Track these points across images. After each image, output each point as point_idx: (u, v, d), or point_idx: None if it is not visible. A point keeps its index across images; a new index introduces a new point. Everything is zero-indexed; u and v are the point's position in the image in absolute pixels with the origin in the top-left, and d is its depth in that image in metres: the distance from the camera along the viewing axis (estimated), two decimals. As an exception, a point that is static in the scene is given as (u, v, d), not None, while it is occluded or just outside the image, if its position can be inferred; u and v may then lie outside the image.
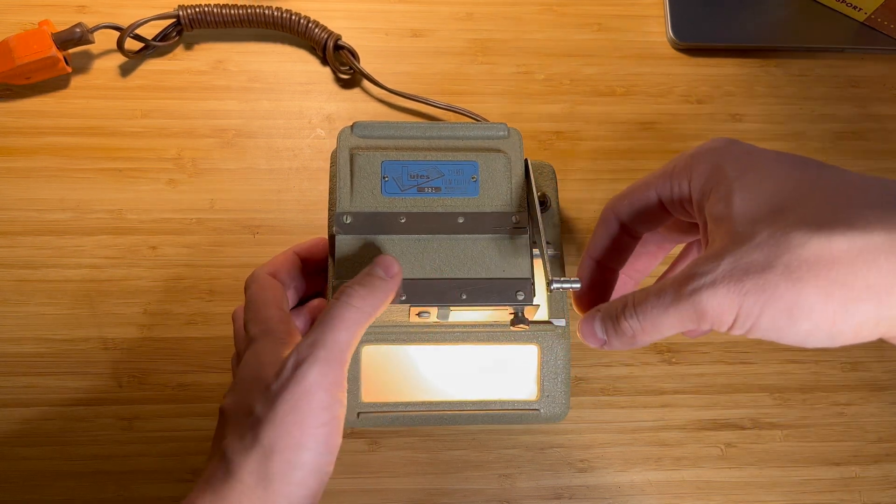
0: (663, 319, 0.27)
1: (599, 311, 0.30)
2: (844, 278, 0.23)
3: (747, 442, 0.46)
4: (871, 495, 0.45)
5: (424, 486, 0.44)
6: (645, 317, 0.27)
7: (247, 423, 0.30)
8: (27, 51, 0.48)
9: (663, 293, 0.26)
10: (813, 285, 0.23)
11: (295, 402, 0.29)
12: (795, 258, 0.23)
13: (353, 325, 0.31)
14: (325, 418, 0.30)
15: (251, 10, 0.51)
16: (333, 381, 0.30)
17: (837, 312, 0.23)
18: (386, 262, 0.33)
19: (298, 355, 0.30)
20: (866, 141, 0.53)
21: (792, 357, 0.48)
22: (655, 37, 0.55)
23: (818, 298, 0.23)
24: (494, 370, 0.39)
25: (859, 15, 0.55)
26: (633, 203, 0.32)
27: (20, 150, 0.50)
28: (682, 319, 0.26)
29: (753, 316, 0.24)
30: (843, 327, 0.24)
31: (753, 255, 0.24)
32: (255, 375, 0.31)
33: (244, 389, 0.32)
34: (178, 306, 0.47)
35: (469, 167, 0.37)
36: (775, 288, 0.24)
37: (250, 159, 0.50)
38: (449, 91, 0.53)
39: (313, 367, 0.30)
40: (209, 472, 0.30)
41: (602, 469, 0.45)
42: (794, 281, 0.23)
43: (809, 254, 0.23)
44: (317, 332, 0.31)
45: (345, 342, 0.31)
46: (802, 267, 0.23)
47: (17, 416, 0.44)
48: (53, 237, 0.48)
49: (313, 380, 0.29)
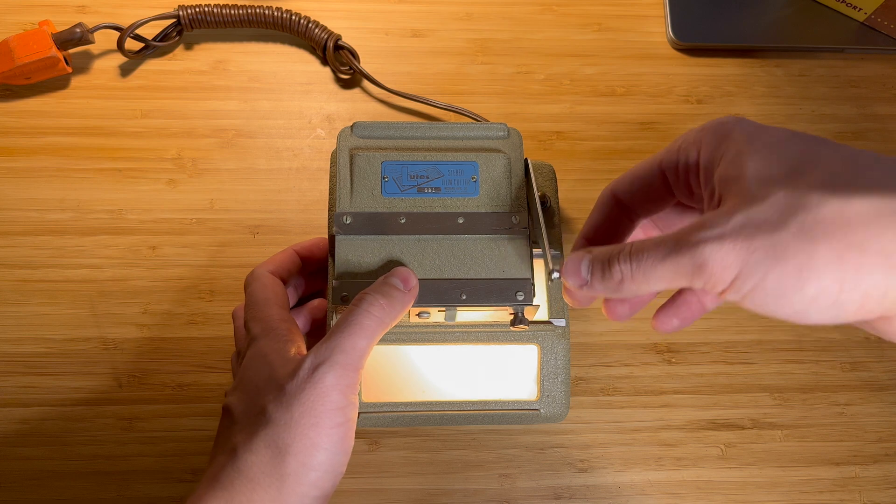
0: (657, 269, 0.25)
1: (591, 252, 0.28)
2: (860, 241, 0.22)
3: (747, 442, 0.46)
4: (871, 495, 0.45)
5: (424, 486, 0.44)
6: (639, 263, 0.26)
7: (259, 422, 0.30)
8: (27, 51, 0.48)
9: (663, 243, 0.25)
10: (827, 246, 0.22)
11: (311, 403, 0.29)
12: (811, 218, 0.23)
13: (372, 334, 0.31)
14: (339, 419, 0.30)
15: (251, 10, 0.51)
16: (349, 385, 0.30)
17: (847, 277, 0.22)
18: (404, 274, 0.33)
19: (316, 358, 0.30)
20: (866, 141, 0.53)
21: (792, 357, 0.48)
22: (655, 37, 0.55)
23: (830, 259, 0.22)
24: (494, 370, 0.39)
25: (859, 15, 0.55)
26: (635, 181, 0.31)
27: (20, 150, 0.50)
28: (677, 271, 0.25)
29: (757, 276, 0.23)
30: (851, 295, 0.23)
31: (767, 214, 0.23)
32: (266, 375, 0.31)
33: (252, 388, 0.32)
34: (178, 306, 0.47)
35: (469, 167, 0.37)
36: (787, 247, 0.23)
37: (250, 159, 0.50)
38: (449, 91, 0.53)
39: (331, 371, 0.30)
40: (215, 469, 0.30)
41: (602, 469, 0.45)
42: (808, 241, 0.22)
43: (825, 215, 0.22)
44: (337, 337, 0.31)
45: (363, 349, 0.31)
46: (818, 227, 0.22)
47: (17, 416, 0.44)
48: (53, 237, 0.48)
49: (330, 382, 0.30)
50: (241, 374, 0.33)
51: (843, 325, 0.48)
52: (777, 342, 0.48)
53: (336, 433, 0.30)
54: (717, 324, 0.48)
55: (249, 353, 0.33)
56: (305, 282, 0.40)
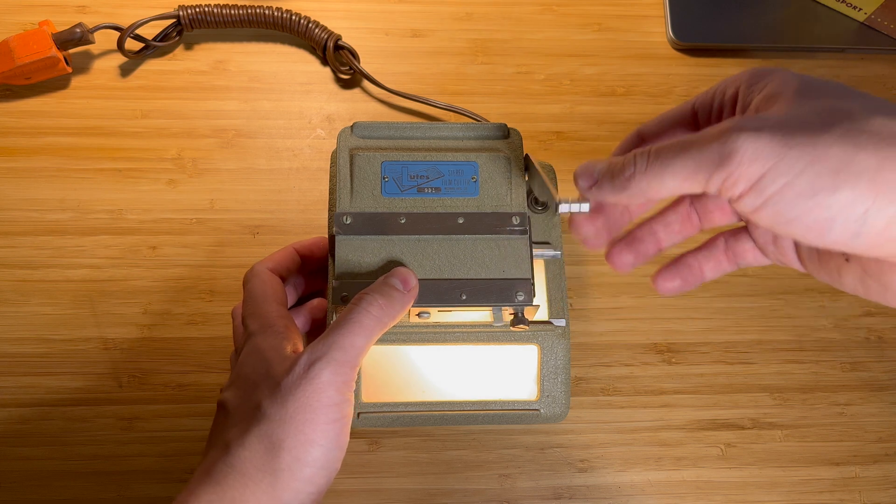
0: (675, 160, 0.24)
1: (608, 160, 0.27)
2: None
3: (747, 442, 0.46)
4: (871, 495, 0.45)
5: (424, 486, 0.44)
6: (657, 156, 0.24)
7: (254, 417, 0.30)
8: (27, 51, 0.48)
9: (686, 138, 0.24)
10: (869, 154, 0.21)
11: (306, 398, 0.29)
12: (857, 126, 0.22)
13: (370, 333, 0.31)
14: (335, 416, 0.30)
15: (251, 11, 0.51)
16: (345, 382, 0.30)
17: (883, 190, 0.21)
18: (403, 274, 0.33)
19: (313, 354, 0.30)
20: (866, 141, 0.53)
21: (792, 357, 0.48)
22: (655, 37, 0.55)
23: (870, 166, 0.21)
24: (494, 370, 0.39)
25: (859, 15, 0.55)
26: (664, 121, 0.30)
27: (20, 150, 0.50)
28: (698, 163, 0.23)
29: (792, 173, 0.22)
30: (879, 216, 0.22)
31: (811, 117, 0.22)
32: (262, 371, 0.31)
33: (248, 384, 0.32)
34: (178, 306, 0.47)
35: (469, 167, 0.37)
36: (829, 147, 0.22)
37: (250, 159, 0.50)
38: (449, 91, 0.53)
39: (328, 367, 0.30)
40: (208, 464, 0.30)
41: (602, 469, 0.45)
42: (851, 145, 0.22)
43: (871, 126, 0.22)
44: (334, 334, 0.31)
45: (360, 347, 0.31)
46: (863, 135, 0.22)
47: (17, 416, 0.44)
48: (53, 237, 0.48)
49: (326, 378, 0.30)
50: (237, 369, 0.33)
51: (842, 325, 0.49)
52: (777, 342, 0.48)
53: (331, 429, 0.30)
54: (717, 324, 0.48)
55: (246, 349, 0.33)
56: (305, 281, 0.40)
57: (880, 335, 0.48)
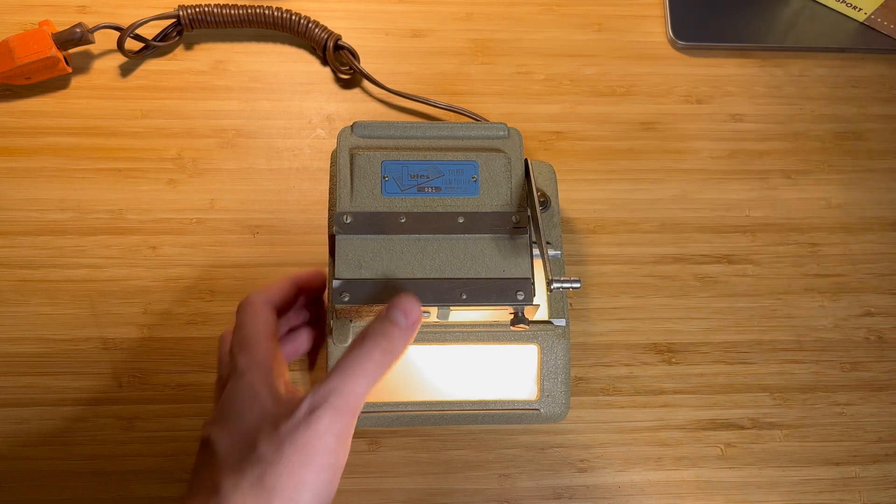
0: None
1: None
2: None
3: (747, 442, 0.46)
4: (871, 495, 0.45)
5: (424, 486, 0.44)
6: None
7: (248, 459, 0.29)
8: (27, 51, 0.48)
9: None
10: None
11: (303, 443, 0.29)
12: None
13: (371, 378, 0.31)
14: (330, 461, 0.30)
15: (251, 10, 0.51)
16: (343, 428, 0.30)
17: None
18: (406, 306, 0.32)
19: (314, 401, 0.30)
20: (866, 141, 0.53)
21: (792, 357, 0.48)
22: (655, 37, 0.55)
23: None
24: (494, 370, 0.39)
25: (859, 15, 0.55)
26: None
27: (20, 150, 0.50)
28: None
29: None
30: None
31: None
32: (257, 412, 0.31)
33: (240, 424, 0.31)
34: (178, 306, 0.47)
35: (469, 167, 0.37)
36: None
37: (250, 159, 0.50)
38: (449, 91, 0.53)
39: (327, 414, 0.30)
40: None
41: (602, 469, 0.45)
42: None
43: None
44: (335, 380, 0.31)
45: (360, 394, 0.31)
46: None
47: (17, 416, 0.44)
48: (53, 237, 0.48)
49: (325, 426, 0.30)
50: (223, 405, 0.32)
51: (842, 325, 0.49)
52: (777, 342, 0.48)
53: (325, 474, 0.30)
54: (717, 324, 0.48)
55: (234, 386, 0.32)
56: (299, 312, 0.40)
57: (880, 335, 0.48)
